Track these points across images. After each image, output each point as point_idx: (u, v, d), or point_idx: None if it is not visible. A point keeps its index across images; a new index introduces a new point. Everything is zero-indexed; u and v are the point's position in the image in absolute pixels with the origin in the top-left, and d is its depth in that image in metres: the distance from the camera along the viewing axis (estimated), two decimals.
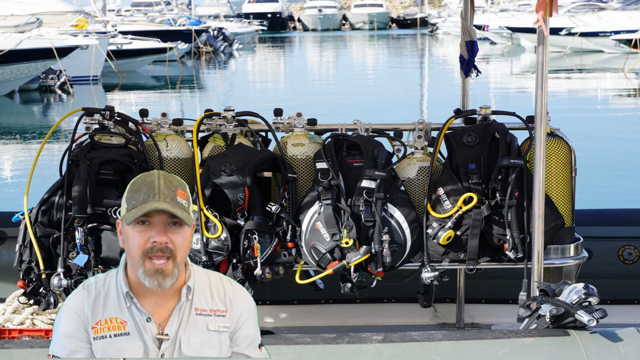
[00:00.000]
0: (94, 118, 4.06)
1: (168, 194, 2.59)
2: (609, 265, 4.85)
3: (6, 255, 4.62)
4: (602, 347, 3.01)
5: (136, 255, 2.59)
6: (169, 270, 2.59)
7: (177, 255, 2.61)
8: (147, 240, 2.58)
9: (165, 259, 2.59)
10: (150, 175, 2.64)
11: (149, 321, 2.65)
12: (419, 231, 3.96)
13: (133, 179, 2.66)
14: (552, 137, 4.09)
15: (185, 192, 2.65)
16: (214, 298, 2.73)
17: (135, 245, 2.59)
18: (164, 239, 2.58)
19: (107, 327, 2.63)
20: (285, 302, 4.89)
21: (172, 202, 2.58)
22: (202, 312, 2.69)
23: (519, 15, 39.54)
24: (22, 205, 4.00)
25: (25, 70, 24.26)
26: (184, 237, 2.62)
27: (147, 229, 2.58)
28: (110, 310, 2.65)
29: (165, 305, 2.67)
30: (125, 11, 50.67)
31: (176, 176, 2.72)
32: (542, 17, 3.49)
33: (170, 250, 2.58)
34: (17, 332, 4.34)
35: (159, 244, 2.57)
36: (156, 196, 2.57)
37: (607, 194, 11.16)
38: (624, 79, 27.06)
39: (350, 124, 4.18)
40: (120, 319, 2.64)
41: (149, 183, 2.60)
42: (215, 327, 2.69)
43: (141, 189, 2.60)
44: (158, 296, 2.66)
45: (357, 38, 63.64)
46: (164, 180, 2.62)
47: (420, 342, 3.04)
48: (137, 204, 2.57)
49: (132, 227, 2.59)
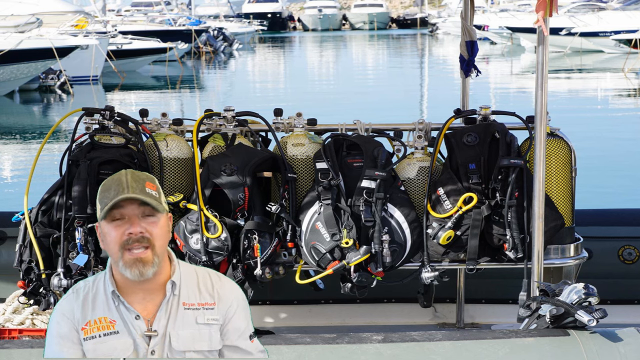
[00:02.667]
0: (94, 118, 4.06)
1: (136, 187, 2.67)
2: (609, 265, 4.85)
3: (6, 255, 4.62)
4: (602, 347, 3.01)
5: (114, 249, 2.66)
6: (148, 258, 2.64)
7: (155, 244, 2.66)
8: (123, 233, 2.65)
9: (144, 248, 2.64)
10: (118, 174, 2.73)
11: (138, 319, 2.69)
12: (419, 231, 3.96)
13: (103, 182, 2.74)
14: (552, 137, 4.09)
15: (154, 184, 2.72)
16: (202, 292, 2.77)
17: (112, 240, 2.66)
18: (138, 229, 2.64)
19: (96, 327, 2.68)
20: (285, 302, 4.88)
21: (141, 193, 2.66)
22: (190, 306, 2.74)
23: (519, 15, 39.55)
24: (22, 205, 4.00)
25: (25, 70, 24.26)
26: (159, 225, 2.68)
27: (121, 223, 2.65)
28: (98, 310, 2.70)
29: (152, 301, 2.72)
30: (125, 11, 50.69)
31: (145, 172, 2.82)
32: (542, 17, 3.49)
33: (147, 239, 2.65)
34: (17, 332, 4.34)
35: (135, 235, 2.64)
36: (125, 190, 2.65)
37: (607, 194, 11.15)
38: (624, 79, 27.05)
39: (350, 124, 4.18)
40: (109, 319, 2.69)
41: (117, 180, 2.70)
42: (204, 320, 2.73)
43: (111, 187, 2.69)
44: (145, 292, 2.71)
45: (357, 38, 63.64)
46: (132, 175, 2.71)
47: (420, 342, 3.04)
48: (108, 201, 2.65)
49: (107, 223, 2.66)
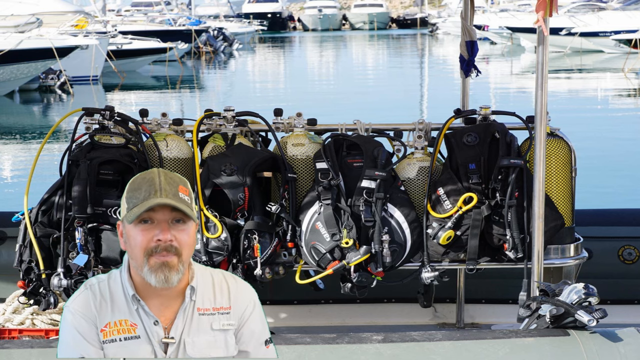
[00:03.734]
0: (94, 118, 4.06)
1: (170, 190, 2.49)
2: (609, 265, 4.85)
3: (6, 255, 4.61)
4: (602, 347, 3.01)
5: (139, 255, 2.49)
6: (174, 263, 2.48)
7: (183, 253, 2.51)
8: (151, 239, 2.48)
9: (171, 255, 2.49)
10: (150, 173, 2.54)
11: (157, 324, 2.56)
12: (419, 231, 3.96)
13: (132, 179, 2.57)
14: (552, 137, 4.09)
15: (187, 189, 2.55)
16: (217, 296, 2.64)
17: (138, 244, 2.49)
18: (168, 236, 2.47)
19: (117, 330, 2.54)
20: (285, 302, 4.88)
21: (174, 198, 2.48)
22: (205, 311, 2.61)
23: (519, 15, 39.53)
24: (22, 205, 4.00)
25: (25, 70, 24.25)
26: (189, 234, 2.52)
27: (150, 227, 2.48)
28: (118, 312, 2.55)
29: (170, 307, 2.58)
30: (125, 11, 50.66)
31: (176, 173, 2.63)
32: (542, 17, 3.49)
33: (175, 248, 2.48)
34: (17, 332, 4.34)
35: (164, 242, 2.48)
36: (158, 192, 2.47)
37: (607, 194, 11.14)
38: (624, 79, 27.04)
39: (350, 124, 4.18)
40: (130, 322, 2.54)
41: (150, 180, 2.51)
42: (219, 326, 2.61)
43: (142, 186, 2.50)
44: (163, 297, 2.57)
45: (357, 38, 63.62)
46: (165, 177, 2.52)
47: (420, 342, 3.04)
48: (139, 202, 2.47)
49: (134, 226, 2.49)
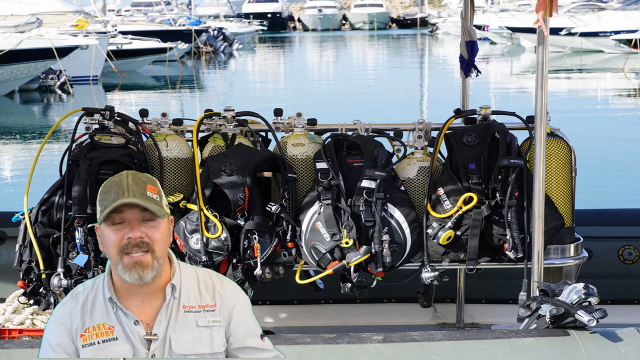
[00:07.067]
0: (94, 118, 4.06)
1: (137, 190, 2.62)
2: (609, 265, 4.85)
3: (6, 255, 4.62)
4: (602, 347, 3.01)
5: (113, 253, 2.62)
6: (147, 262, 2.61)
7: (155, 248, 2.62)
8: (122, 237, 2.61)
9: (143, 252, 2.61)
10: (119, 176, 2.68)
11: (137, 324, 2.66)
12: (419, 231, 3.96)
13: (104, 183, 2.69)
14: (552, 137, 4.09)
15: (156, 187, 2.68)
16: (203, 294, 2.73)
17: (111, 243, 2.62)
18: (138, 233, 2.60)
19: (95, 334, 2.65)
20: (285, 302, 4.88)
21: (141, 197, 2.61)
22: (190, 309, 2.70)
23: (519, 15, 39.53)
24: (22, 205, 4.00)
25: (25, 70, 24.26)
26: (159, 230, 2.64)
27: (121, 227, 2.61)
28: (97, 316, 2.67)
29: (151, 305, 2.68)
30: (125, 11, 50.68)
31: (146, 174, 2.76)
32: (542, 17, 3.49)
33: (146, 244, 2.61)
34: (17, 332, 4.34)
35: (134, 239, 2.60)
36: (125, 193, 2.60)
37: (607, 194, 11.14)
38: (624, 79, 27.05)
39: (350, 124, 4.18)
40: (107, 325, 2.66)
41: (118, 182, 2.64)
42: (205, 323, 2.70)
43: (111, 189, 2.64)
44: (144, 295, 2.67)
45: (357, 38, 63.62)
46: (132, 178, 2.65)
47: (420, 342, 3.04)
48: (109, 203, 2.61)
49: (107, 226, 2.62)
